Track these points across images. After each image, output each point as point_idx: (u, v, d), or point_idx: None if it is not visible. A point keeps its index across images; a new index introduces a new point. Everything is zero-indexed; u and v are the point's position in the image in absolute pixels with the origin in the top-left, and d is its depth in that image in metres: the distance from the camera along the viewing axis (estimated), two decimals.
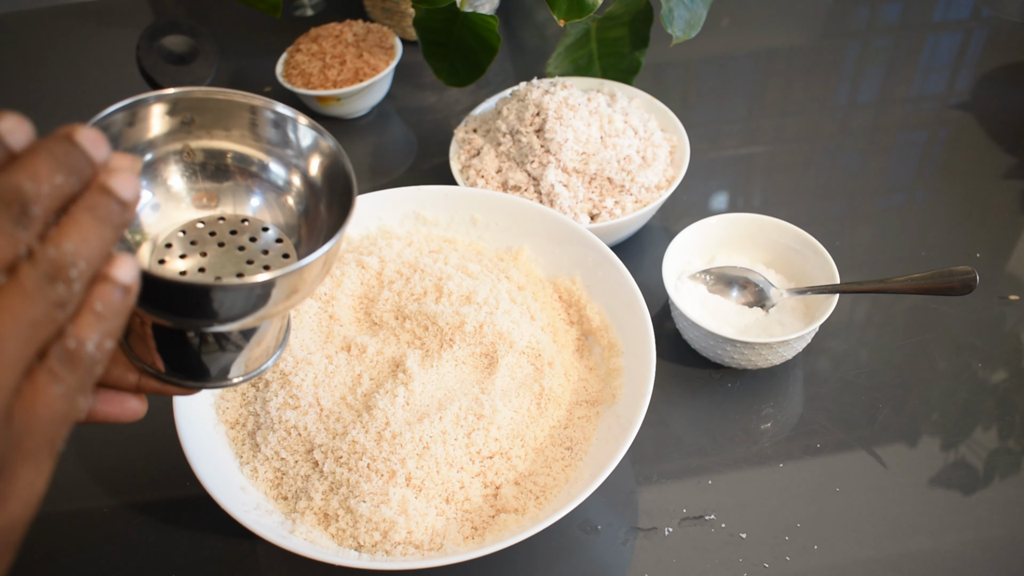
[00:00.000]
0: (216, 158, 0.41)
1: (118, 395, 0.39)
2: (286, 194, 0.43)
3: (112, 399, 0.39)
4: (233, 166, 0.42)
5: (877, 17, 1.12)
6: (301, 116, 0.41)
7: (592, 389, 0.62)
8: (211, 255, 0.40)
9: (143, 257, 0.39)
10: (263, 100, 0.41)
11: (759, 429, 0.67)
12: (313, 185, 0.42)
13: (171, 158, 0.41)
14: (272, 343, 0.45)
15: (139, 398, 0.40)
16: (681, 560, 0.59)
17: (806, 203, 0.87)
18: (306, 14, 1.15)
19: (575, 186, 0.75)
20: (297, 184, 0.42)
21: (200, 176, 0.42)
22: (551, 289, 0.67)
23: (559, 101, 0.77)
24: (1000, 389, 0.69)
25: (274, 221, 0.42)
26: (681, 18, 0.77)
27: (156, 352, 0.40)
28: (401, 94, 1.01)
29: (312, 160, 0.42)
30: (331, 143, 0.41)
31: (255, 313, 0.37)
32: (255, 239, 0.41)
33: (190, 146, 0.41)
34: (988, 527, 0.60)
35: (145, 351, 0.40)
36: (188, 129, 0.41)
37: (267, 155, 0.42)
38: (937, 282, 0.64)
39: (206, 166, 0.42)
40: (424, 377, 0.58)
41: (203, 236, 0.40)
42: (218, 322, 0.37)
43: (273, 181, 0.43)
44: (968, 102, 0.97)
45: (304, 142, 0.42)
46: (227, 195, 0.42)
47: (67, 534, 0.63)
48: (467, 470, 0.55)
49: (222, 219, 0.41)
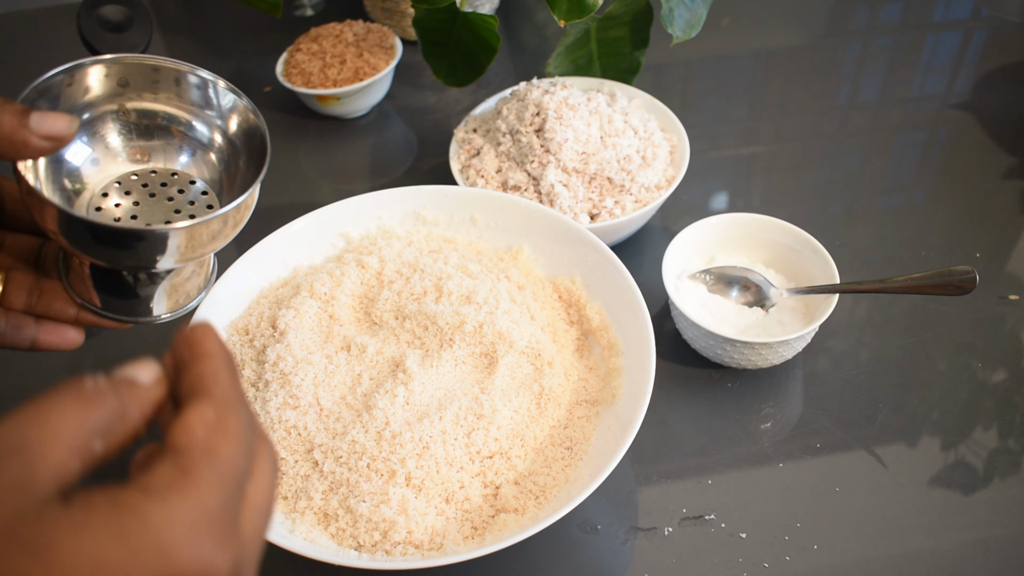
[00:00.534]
0: (148, 118, 0.46)
1: (58, 326, 0.45)
2: (210, 151, 0.47)
3: (53, 329, 0.44)
4: (163, 125, 0.47)
5: (877, 17, 1.12)
6: (221, 80, 0.46)
7: (592, 389, 0.62)
8: (143, 204, 0.45)
9: (82, 204, 0.44)
10: (188, 66, 0.45)
11: (759, 429, 0.67)
12: (233, 143, 0.47)
13: (108, 117, 0.45)
14: (198, 284, 0.50)
15: (77, 329, 0.45)
16: (681, 560, 0.59)
17: (806, 203, 0.87)
18: (306, 14, 1.15)
19: (575, 186, 0.75)
20: (219, 142, 0.47)
21: (134, 134, 0.46)
22: (551, 289, 0.67)
23: (559, 101, 0.77)
24: (1000, 389, 0.69)
25: (200, 175, 0.47)
26: (681, 18, 0.77)
27: (93, 290, 0.45)
28: (401, 94, 1.01)
29: (232, 120, 0.47)
30: (247, 104, 0.46)
31: (177, 256, 0.42)
32: (183, 191, 0.46)
33: (125, 106, 0.45)
34: (988, 527, 0.60)
35: (83, 288, 0.45)
36: (123, 91, 0.45)
37: (192, 115, 0.47)
38: (937, 282, 0.64)
39: (139, 125, 0.46)
40: (424, 377, 0.58)
41: (137, 187, 0.45)
42: (143, 263, 0.42)
43: (198, 139, 0.47)
44: (968, 102, 0.97)
45: (225, 104, 0.47)
46: (158, 152, 0.47)
47: None
48: (467, 470, 0.55)
49: (154, 172, 0.46)
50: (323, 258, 0.70)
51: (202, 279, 0.50)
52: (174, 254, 0.42)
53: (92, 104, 0.44)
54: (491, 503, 0.55)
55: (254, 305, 0.65)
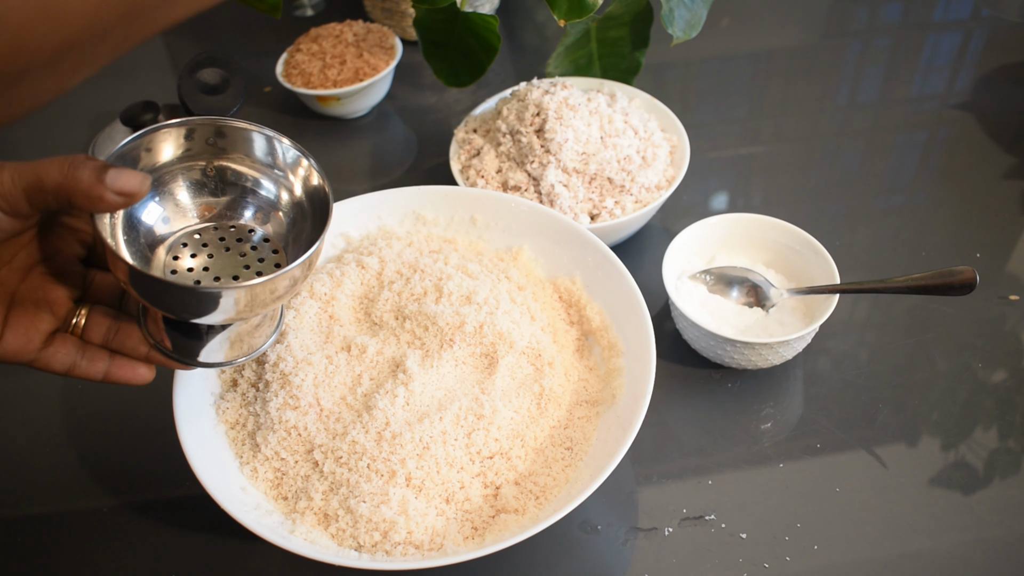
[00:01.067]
0: (221, 176, 0.49)
1: (131, 362, 0.48)
2: (277, 209, 0.50)
3: (125, 365, 0.48)
4: (232, 182, 0.49)
5: (877, 17, 1.12)
6: (285, 138, 0.48)
7: (592, 389, 0.62)
8: (216, 257, 0.48)
9: (159, 258, 0.47)
10: (255, 125, 0.48)
11: (759, 429, 0.67)
12: (298, 201, 0.50)
13: (180, 175, 0.48)
14: (266, 331, 0.53)
15: (148, 367, 0.49)
16: (681, 560, 0.59)
17: (806, 203, 0.87)
18: (306, 14, 1.15)
19: (575, 186, 0.75)
20: (285, 199, 0.50)
21: (207, 192, 0.49)
22: (551, 289, 0.67)
23: (559, 101, 0.77)
24: (1000, 389, 0.69)
25: (269, 231, 0.50)
26: (681, 18, 0.77)
27: (165, 332, 0.48)
28: (401, 94, 1.01)
29: (297, 178, 0.49)
30: (312, 163, 0.49)
31: (238, 311, 0.44)
32: (256, 248, 0.49)
33: (213, 163, 0.49)
34: (988, 527, 0.60)
35: (156, 330, 0.48)
36: (213, 150, 0.48)
37: (262, 174, 0.50)
38: (937, 282, 0.64)
39: (214, 183, 0.49)
40: (424, 377, 0.58)
41: (213, 239, 0.48)
42: (205, 317, 0.44)
43: (266, 197, 0.50)
44: (968, 102, 0.97)
45: (290, 162, 0.49)
46: (229, 208, 0.50)
47: (67, 534, 0.63)
48: (467, 470, 0.55)
49: (233, 227, 0.49)
50: (323, 258, 0.70)
51: (270, 328, 0.53)
52: (236, 310, 0.44)
53: (165, 163, 0.47)
54: (491, 503, 0.55)
55: None
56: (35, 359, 0.45)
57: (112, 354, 0.48)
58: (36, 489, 0.66)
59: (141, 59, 1.09)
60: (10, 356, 0.44)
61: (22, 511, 0.64)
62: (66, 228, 0.47)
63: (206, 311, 0.44)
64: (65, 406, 0.71)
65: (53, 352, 0.46)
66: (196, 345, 0.49)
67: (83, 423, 0.70)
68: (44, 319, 0.46)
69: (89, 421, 0.70)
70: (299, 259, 0.44)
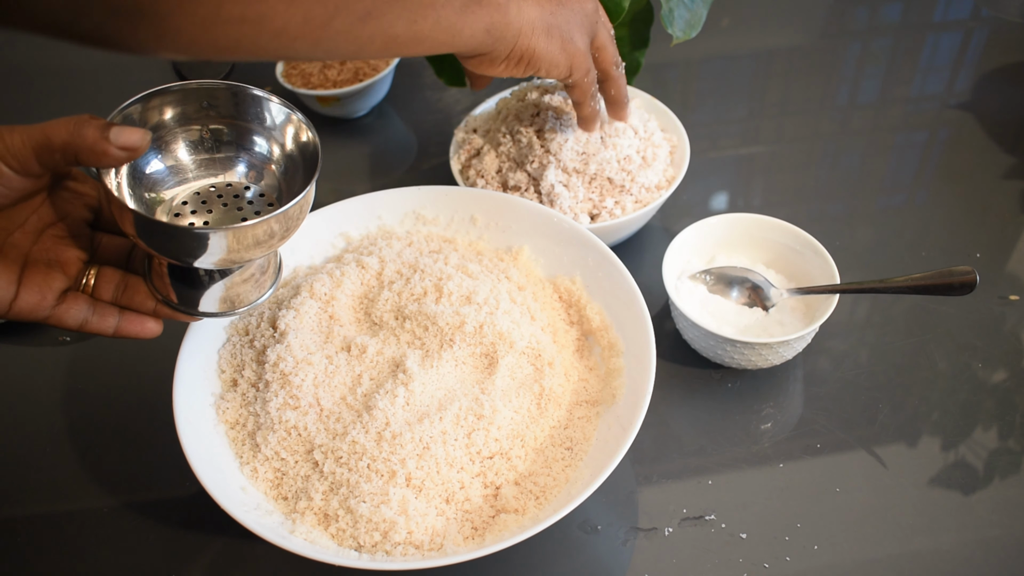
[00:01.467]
0: (217, 136, 0.52)
1: (139, 316, 0.51)
2: (270, 164, 0.53)
3: (134, 319, 0.51)
4: (229, 141, 0.53)
5: (877, 17, 1.12)
6: (275, 97, 0.52)
7: (592, 389, 0.62)
8: (215, 212, 0.51)
9: (161, 214, 0.50)
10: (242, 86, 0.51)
11: (759, 429, 0.67)
12: (290, 154, 0.53)
13: (180, 137, 0.51)
14: (265, 282, 0.55)
15: (156, 321, 0.52)
16: (681, 560, 0.59)
17: (806, 203, 0.87)
18: None
19: (575, 186, 0.75)
20: (277, 154, 0.53)
21: (203, 151, 0.52)
22: (551, 289, 0.67)
23: (559, 101, 0.77)
24: (1000, 389, 0.69)
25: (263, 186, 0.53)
26: (681, 18, 0.77)
27: (170, 287, 0.51)
28: (401, 94, 1.01)
29: (287, 134, 0.53)
30: (300, 118, 0.52)
31: (236, 254, 0.47)
32: (252, 202, 0.52)
33: (208, 126, 0.52)
34: (988, 527, 0.60)
35: (162, 285, 0.51)
36: (207, 112, 0.51)
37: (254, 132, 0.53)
38: (937, 282, 0.64)
39: (210, 143, 0.52)
40: (424, 377, 0.58)
41: (212, 198, 0.52)
42: (207, 259, 0.47)
43: (259, 152, 0.53)
44: (968, 102, 0.97)
45: (279, 119, 0.52)
46: (227, 167, 0.53)
47: (67, 534, 0.63)
48: (467, 470, 0.55)
49: (229, 185, 0.52)
50: (323, 258, 0.70)
51: (268, 281, 0.56)
52: (233, 251, 0.47)
53: (164, 125, 0.51)
54: (491, 503, 0.55)
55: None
56: (49, 315, 0.48)
57: (121, 310, 0.51)
58: (36, 489, 0.66)
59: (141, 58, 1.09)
60: (25, 313, 0.47)
61: (22, 511, 0.64)
62: (74, 193, 0.50)
63: (204, 251, 0.46)
64: (65, 406, 0.71)
65: (66, 308, 0.49)
66: (199, 296, 0.52)
67: (83, 423, 0.70)
68: (57, 278, 0.48)
69: (89, 421, 0.70)
70: (285, 206, 0.47)
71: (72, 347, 0.75)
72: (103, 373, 0.73)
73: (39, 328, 0.77)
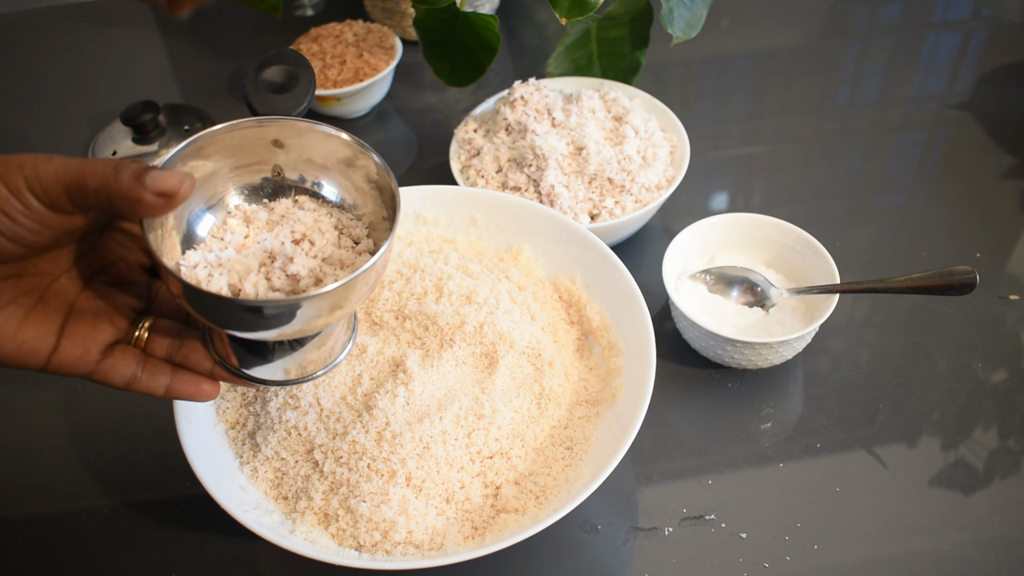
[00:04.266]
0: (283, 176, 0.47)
1: (194, 377, 0.46)
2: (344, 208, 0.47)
3: (188, 379, 0.46)
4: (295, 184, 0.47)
5: (877, 17, 1.12)
6: (344, 133, 0.45)
7: (592, 389, 0.62)
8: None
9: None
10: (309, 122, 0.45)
11: (759, 429, 0.67)
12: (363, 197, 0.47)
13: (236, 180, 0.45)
14: (335, 346, 0.49)
15: (212, 383, 0.46)
16: (681, 560, 0.59)
17: (806, 203, 0.87)
18: (306, 14, 1.15)
19: (575, 186, 0.75)
20: (349, 200, 0.47)
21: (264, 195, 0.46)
22: (551, 289, 0.67)
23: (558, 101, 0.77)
24: (1000, 389, 0.69)
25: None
26: (681, 18, 0.77)
27: (230, 348, 0.46)
28: (401, 94, 1.01)
29: (360, 175, 0.46)
30: (378, 160, 0.45)
31: (301, 325, 0.41)
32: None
33: (280, 166, 0.46)
34: (988, 527, 0.60)
35: (221, 345, 0.46)
36: (273, 150, 0.45)
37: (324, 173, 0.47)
38: (937, 282, 0.64)
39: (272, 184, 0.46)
40: (424, 377, 0.58)
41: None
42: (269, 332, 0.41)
43: (327, 197, 0.47)
44: (968, 102, 0.97)
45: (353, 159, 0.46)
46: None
47: (67, 534, 0.63)
48: (467, 470, 0.55)
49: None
50: None
51: (346, 336, 0.49)
52: (297, 323, 0.40)
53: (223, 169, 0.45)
54: (491, 503, 0.55)
55: None
56: (93, 371, 0.43)
57: (175, 368, 0.46)
58: (36, 489, 0.66)
59: (141, 59, 1.10)
60: (67, 367, 0.43)
61: (22, 511, 0.64)
62: (128, 235, 0.45)
63: (269, 327, 0.40)
64: (65, 406, 0.71)
65: (112, 364, 0.44)
66: (264, 364, 0.46)
67: (83, 423, 0.70)
68: (104, 330, 0.44)
69: (89, 421, 0.70)
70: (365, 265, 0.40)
71: None
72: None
73: None
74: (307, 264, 0.44)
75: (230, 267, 0.43)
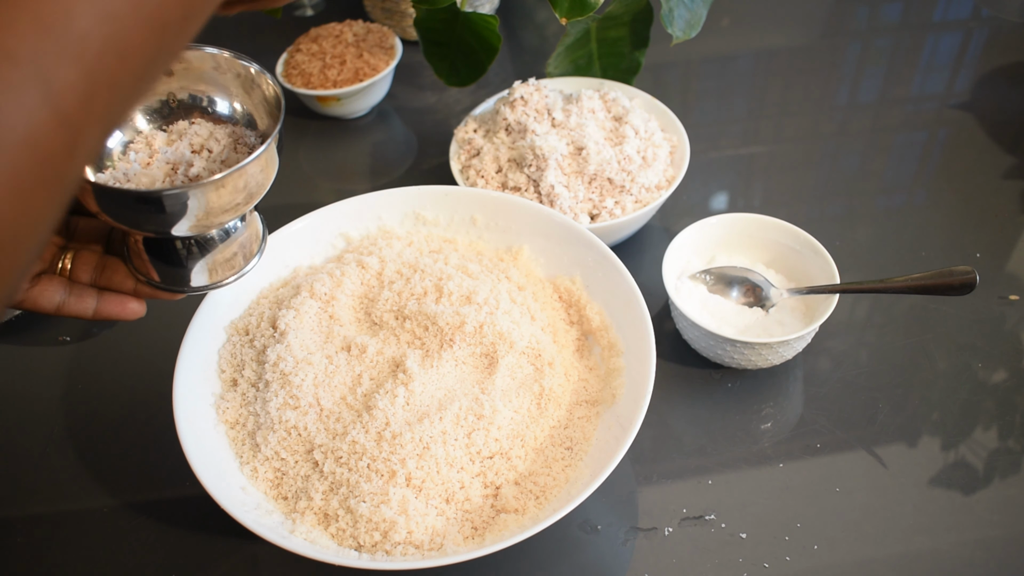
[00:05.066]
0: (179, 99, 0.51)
1: (119, 297, 0.49)
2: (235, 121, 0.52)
3: (114, 300, 0.49)
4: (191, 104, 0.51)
5: (877, 17, 1.12)
6: (226, 52, 0.50)
7: (592, 389, 0.62)
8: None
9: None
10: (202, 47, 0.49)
11: (759, 429, 0.67)
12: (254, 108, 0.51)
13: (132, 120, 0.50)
14: (245, 256, 0.53)
15: (138, 301, 0.50)
16: (681, 560, 0.59)
17: (806, 203, 0.87)
18: (306, 14, 1.15)
19: (575, 186, 0.75)
20: (240, 111, 0.52)
21: (161, 117, 0.51)
22: (551, 289, 0.67)
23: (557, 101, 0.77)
24: (1000, 389, 0.69)
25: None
26: (681, 18, 0.77)
27: (150, 265, 0.50)
28: (401, 94, 1.01)
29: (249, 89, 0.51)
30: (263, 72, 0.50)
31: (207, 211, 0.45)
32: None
33: (175, 94, 0.51)
34: (988, 527, 0.60)
35: (142, 264, 0.50)
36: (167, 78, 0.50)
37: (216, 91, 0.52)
38: (937, 282, 0.64)
39: (168, 107, 0.51)
40: (424, 377, 0.58)
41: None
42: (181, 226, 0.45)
43: (221, 112, 0.52)
44: (968, 102, 0.97)
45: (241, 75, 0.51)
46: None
47: (67, 534, 0.63)
48: (467, 470, 0.55)
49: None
50: (323, 258, 0.70)
51: (250, 253, 0.54)
52: (200, 209, 0.45)
53: None
54: (491, 503, 0.55)
55: (254, 305, 0.65)
56: (23, 299, 0.46)
57: (101, 291, 0.49)
58: (36, 489, 0.66)
59: None
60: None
61: (22, 511, 0.64)
62: None
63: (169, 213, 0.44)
64: (65, 406, 0.71)
65: (40, 291, 0.47)
66: (181, 272, 0.51)
67: (83, 423, 0.70)
68: None
69: (89, 421, 0.70)
70: (249, 157, 0.45)
71: (72, 347, 0.75)
72: (103, 373, 0.73)
73: (39, 328, 0.77)
74: (207, 167, 0.49)
75: (137, 181, 0.48)
